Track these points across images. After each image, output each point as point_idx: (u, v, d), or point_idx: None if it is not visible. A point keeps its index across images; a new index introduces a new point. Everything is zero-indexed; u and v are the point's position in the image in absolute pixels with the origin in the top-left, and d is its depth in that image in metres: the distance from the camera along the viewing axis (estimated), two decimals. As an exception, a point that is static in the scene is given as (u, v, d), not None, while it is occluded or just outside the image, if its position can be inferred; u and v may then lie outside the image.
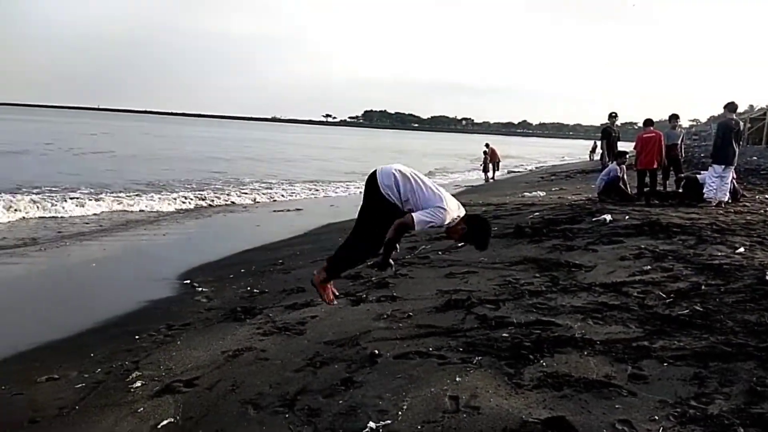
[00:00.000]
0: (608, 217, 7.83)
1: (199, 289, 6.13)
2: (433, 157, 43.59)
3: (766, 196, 10.93)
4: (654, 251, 5.78)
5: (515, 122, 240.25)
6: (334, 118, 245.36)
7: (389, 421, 2.70)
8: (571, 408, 2.70)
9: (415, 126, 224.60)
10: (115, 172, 19.48)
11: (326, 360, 3.57)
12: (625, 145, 14.03)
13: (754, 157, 22.20)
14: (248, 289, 6.00)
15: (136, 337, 4.63)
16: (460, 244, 5.29)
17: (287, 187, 18.29)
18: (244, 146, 43.21)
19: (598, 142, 24.16)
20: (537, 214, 9.18)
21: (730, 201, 9.74)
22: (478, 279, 5.33)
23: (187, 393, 3.36)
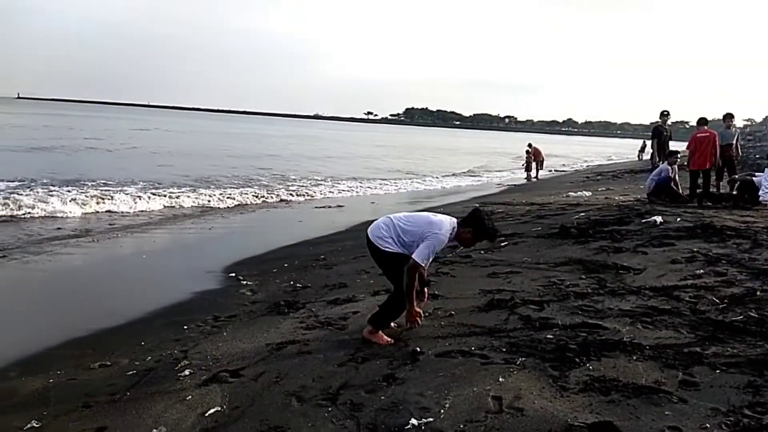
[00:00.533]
0: (659, 219, 7.57)
1: (244, 282, 6.27)
2: (477, 155, 43.13)
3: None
4: (707, 255, 5.58)
5: (560, 120, 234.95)
6: (376, 115, 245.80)
7: (431, 419, 2.70)
8: (619, 413, 2.64)
9: (457, 123, 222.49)
10: (165, 167, 20.11)
11: (368, 356, 3.59)
12: (677, 145, 13.54)
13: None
14: (291, 283, 6.10)
15: (184, 327, 4.78)
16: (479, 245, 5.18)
17: (329, 184, 18.51)
18: (288, 143, 43.82)
19: (648, 142, 23.51)
20: (583, 214, 8.98)
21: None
22: (522, 279, 5.26)
23: (234, 383, 3.44)
